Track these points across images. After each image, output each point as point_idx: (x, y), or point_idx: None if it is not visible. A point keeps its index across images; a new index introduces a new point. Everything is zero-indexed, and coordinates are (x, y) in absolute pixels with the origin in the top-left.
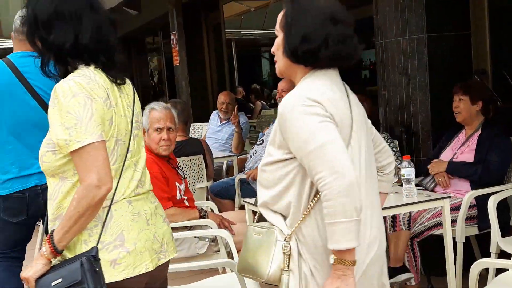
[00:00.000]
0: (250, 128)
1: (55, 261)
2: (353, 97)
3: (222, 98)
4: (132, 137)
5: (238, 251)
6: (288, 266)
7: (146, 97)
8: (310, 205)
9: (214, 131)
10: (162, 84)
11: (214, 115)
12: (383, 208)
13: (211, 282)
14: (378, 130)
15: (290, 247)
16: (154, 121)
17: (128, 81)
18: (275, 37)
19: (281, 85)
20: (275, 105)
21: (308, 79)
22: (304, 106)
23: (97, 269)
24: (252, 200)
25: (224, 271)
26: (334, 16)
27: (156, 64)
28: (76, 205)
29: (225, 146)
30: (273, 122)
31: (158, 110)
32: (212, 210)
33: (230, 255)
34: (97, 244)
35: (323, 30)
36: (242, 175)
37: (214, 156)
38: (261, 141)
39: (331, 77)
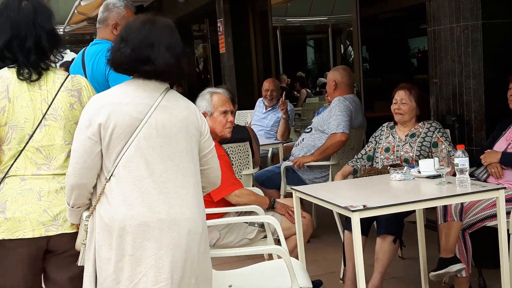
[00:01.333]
0: (295, 116)
1: None
2: (169, 104)
3: (266, 85)
4: (39, 127)
5: (287, 237)
6: (86, 240)
7: (192, 84)
8: (103, 188)
9: (259, 118)
10: (208, 71)
11: (259, 102)
12: (438, 198)
13: (260, 268)
14: (429, 119)
15: (88, 225)
16: (220, 105)
17: (55, 78)
18: (320, 24)
19: (331, 74)
20: (320, 93)
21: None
22: (83, 111)
23: None
24: (299, 188)
25: (270, 257)
26: (122, 37)
27: (202, 52)
28: None
29: (270, 133)
30: (319, 110)
31: (222, 93)
32: None
33: (277, 241)
34: None
35: (116, 48)
36: (288, 163)
37: (259, 143)
38: (309, 129)
39: (138, 84)
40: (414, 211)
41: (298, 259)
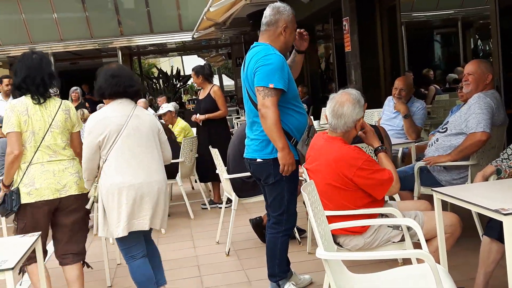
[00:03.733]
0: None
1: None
2: (138, 113)
3: (396, 83)
4: (48, 132)
5: (427, 240)
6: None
7: (315, 84)
8: (100, 166)
9: (389, 118)
10: (330, 71)
11: (388, 101)
12: None
13: (400, 273)
14: None
15: (96, 185)
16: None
17: (55, 103)
18: (448, 18)
19: (467, 68)
20: (450, 90)
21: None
22: (86, 125)
23: (13, 198)
24: (440, 189)
25: (404, 261)
26: (114, 75)
27: (323, 52)
28: (5, 161)
29: (400, 133)
30: (453, 109)
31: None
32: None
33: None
34: (19, 184)
35: (114, 83)
36: (422, 163)
37: (391, 143)
38: (444, 129)
39: (117, 103)
40: None
41: (439, 264)
